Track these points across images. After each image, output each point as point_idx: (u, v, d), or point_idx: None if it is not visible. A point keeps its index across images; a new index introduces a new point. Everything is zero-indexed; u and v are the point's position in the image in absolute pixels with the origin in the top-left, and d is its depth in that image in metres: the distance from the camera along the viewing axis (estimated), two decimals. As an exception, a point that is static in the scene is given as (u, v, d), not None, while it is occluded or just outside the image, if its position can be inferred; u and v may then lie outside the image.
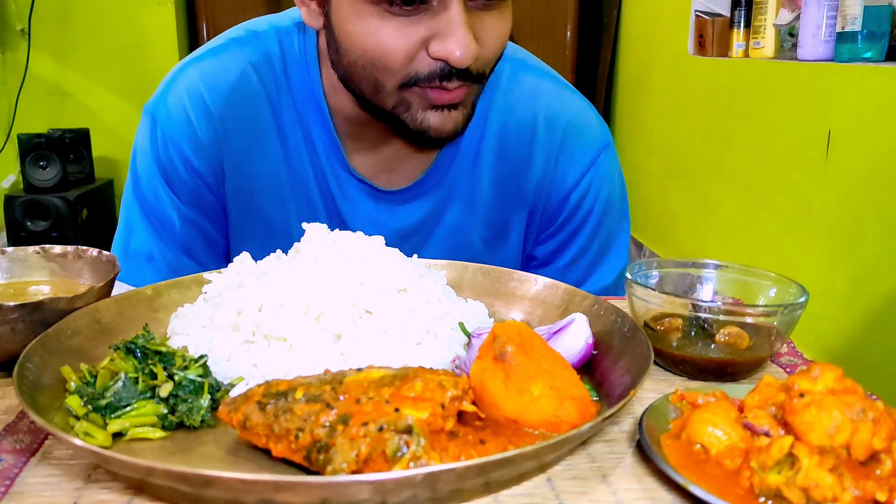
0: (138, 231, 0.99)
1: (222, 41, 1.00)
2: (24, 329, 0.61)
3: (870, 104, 1.54)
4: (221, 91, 0.96)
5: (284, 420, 0.49)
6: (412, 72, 0.84)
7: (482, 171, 1.02)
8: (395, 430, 0.46)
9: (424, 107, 0.86)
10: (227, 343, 0.62)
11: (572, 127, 1.02)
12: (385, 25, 0.81)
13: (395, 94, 0.86)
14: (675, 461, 0.49)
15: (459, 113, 0.88)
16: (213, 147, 0.97)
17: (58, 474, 0.50)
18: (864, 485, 0.44)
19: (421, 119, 0.87)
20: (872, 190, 1.52)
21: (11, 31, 3.28)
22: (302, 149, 0.98)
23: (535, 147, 1.02)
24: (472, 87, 0.88)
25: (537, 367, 0.53)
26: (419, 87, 0.85)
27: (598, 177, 1.04)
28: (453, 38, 0.80)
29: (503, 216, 1.04)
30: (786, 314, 0.65)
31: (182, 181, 0.97)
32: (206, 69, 0.97)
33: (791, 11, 1.92)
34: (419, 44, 0.82)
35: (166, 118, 0.97)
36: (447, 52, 0.80)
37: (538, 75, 1.04)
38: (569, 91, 1.06)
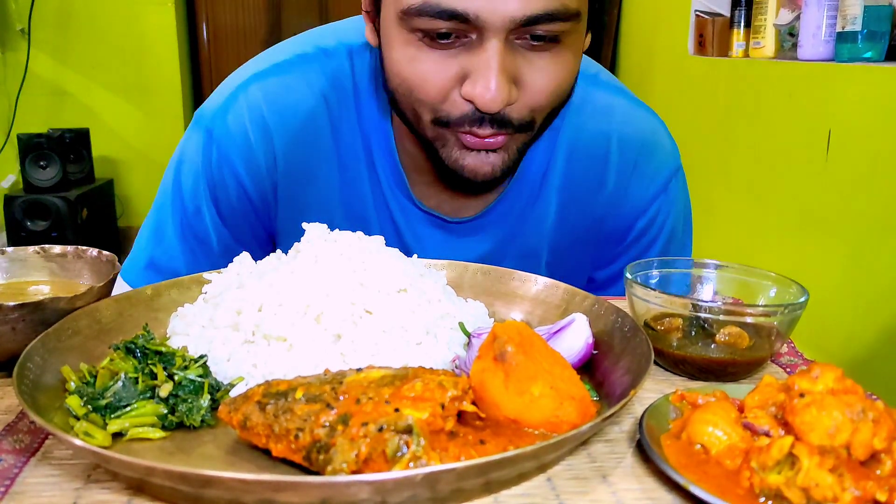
0: (169, 244, 0.94)
1: (288, 56, 0.94)
2: (25, 329, 0.61)
3: (870, 104, 1.54)
4: (285, 114, 0.91)
5: (284, 420, 0.49)
6: (444, 111, 0.79)
7: (549, 193, 0.96)
8: (395, 430, 0.46)
9: (460, 146, 0.81)
10: (227, 343, 0.61)
11: (646, 148, 0.97)
12: (423, 56, 0.77)
13: (431, 127, 0.82)
14: (676, 461, 0.49)
15: (498, 157, 0.82)
16: (269, 172, 0.92)
17: (58, 474, 0.50)
18: (865, 485, 0.44)
19: (456, 157, 0.82)
20: (872, 190, 1.52)
21: (11, 31, 3.29)
22: (363, 176, 0.94)
23: (607, 169, 0.96)
24: (516, 136, 0.82)
25: (537, 367, 0.53)
26: (451, 128, 0.80)
27: (666, 203, 0.99)
28: (483, 79, 0.74)
29: (569, 240, 0.99)
30: (786, 314, 0.65)
31: (230, 203, 0.93)
32: (271, 89, 0.92)
33: (791, 11, 1.92)
34: (453, 80, 0.77)
35: (224, 136, 0.91)
36: (475, 95, 0.75)
37: (610, 92, 0.98)
38: (642, 109, 1.00)
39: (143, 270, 0.94)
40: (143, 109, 3.42)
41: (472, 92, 0.75)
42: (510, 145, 0.82)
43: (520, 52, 0.76)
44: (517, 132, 0.81)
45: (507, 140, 0.81)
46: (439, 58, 0.77)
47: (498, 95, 0.74)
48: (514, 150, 0.83)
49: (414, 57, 0.77)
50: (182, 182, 0.93)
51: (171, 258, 0.94)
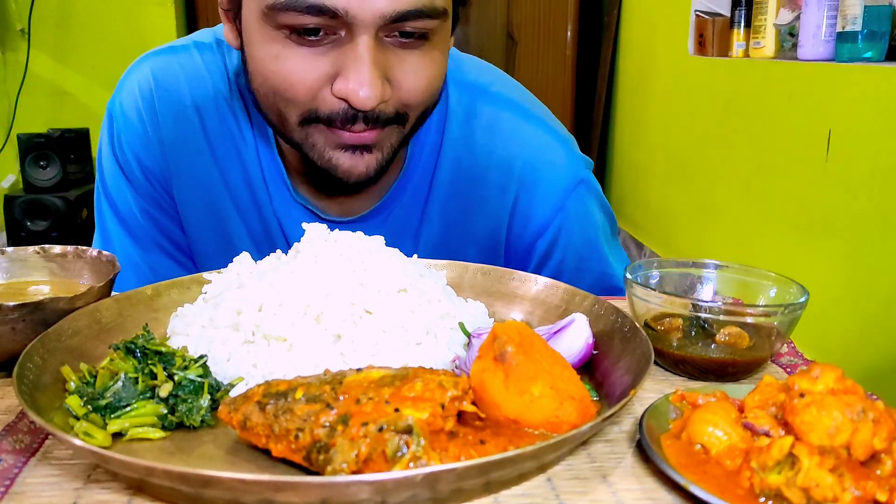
0: (113, 231, 0.98)
1: (185, 42, 0.96)
2: (25, 329, 0.61)
3: (870, 104, 1.54)
4: (170, 90, 0.93)
5: (284, 420, 0.49)
6: (313, 109, 0.77)
7: (433, 208, 0.94)
8: (395, 431, 0.46)
9: (331, 145, 0.79)
10: (227, 343, 0.61)
11: (532, 167, 0.93)
12: (289, 54, 0.75)
13: (298, 129, 0.80)
14: (676, 461, 0.49)
15: (373, 157, 0.80)
16: (157, 144, 0.94)
17: (57, 474, 0.50)
18: (865, 485, 0.44)
19: (329, 157, 0.80)
20: (873, 190, 1.52)
21: (11, 31, 3.28)
22: (254, 165, 0.93)
23: (486, 189, 0.94)
24: (389, 130, 0.80)
25: (537, 367, 0.53)
26: (322, 124, 0.78)
27: (567, 221, 0.94)
28: (356, 75, 0.72)
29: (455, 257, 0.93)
30: (786, 314, 0.65)
31: (135, 177, 0.96)
32: (159, 65, 0.94)
33: (791, 11, 1.92)
34: (323, 78, 0.75)
35: (120, 115, 0.96)
36: (348, 92, 0.73)
37: (497, 105, 0.94)
38: (531, 123, 0.95)
39: None
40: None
41: (345, 89, 0.74)
42: (384, 143, 0.81)
43: (390, 50, 0.76)
44: (393, 125, 0.80)
45: (379, 136, 0.79)
46: (307, 55, 0.75)
47: (372, 92, 0.73)
48: (387, 148, 0.82)
49: (279, 55, 0.75)
50: (103, 168, 0.98)
51: (119, 244, 0.97)
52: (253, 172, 0.94)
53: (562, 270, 0.96)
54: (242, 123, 0.93)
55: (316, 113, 0.77)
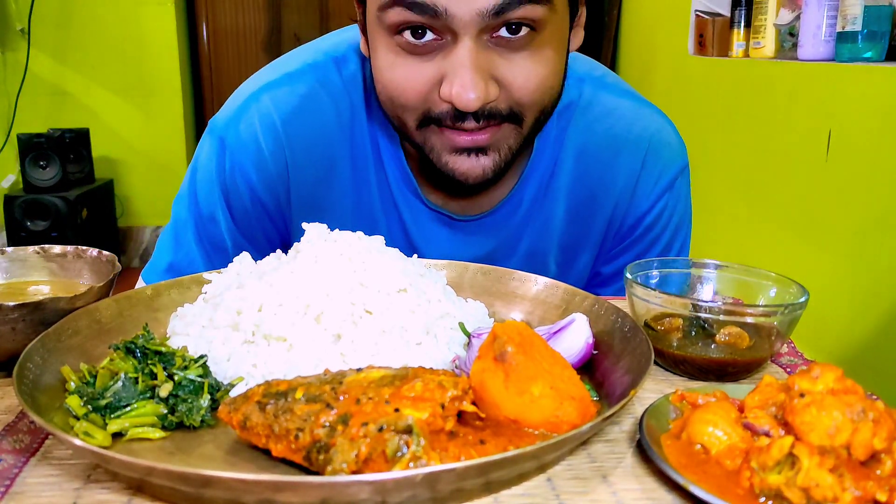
0: (187, 248, 0.97)
1: (298, 65, 0.96)
2: (25, 329, 0.61)
3: (870, 104, 1.54)
4: (295, 122, 0.93)
5: (284, 420, 0.49)
6: (426, 111, 0.80)
7: (557, 194, 0.98)
8: (395, 431, 0.46)
9: (448, 149, 0.82)
10: (227, 343, 0.61)
11: (653, 147, 0.98)
12: (400, 61, 0.79)
13: (417, 132, 0.83)
14: (676, 461, 0.49)
15: (489, 158, 0.82)
16: (281, 178, 0.94)
17: (57, 474, 0.50)
18: (865, 485, 0.44)
19: (446, 160, 0.83)
20: (873, 190, 1.52)
21: (11, 31, 3.28)
22: (372, 178, 0.95)
23: (616, 170, 0.97)
24: (505, 129, 0.82)
25: (537, 367, 0.53)
26: (437, 128, 0.81)
27: (672, 200, 1.00)
28: (458, 79, 0.75)
29: (577, 239, 1.00)
30: (786, 314, 0.65)
31: (244, 209, 0.95)
32: (281, 97, 0.93)
33: (791, 11, 1.92)
34: (430, 84, 0.78)
35: (236, 144, 0.93)
36: (451, 95, 0.76)
37: (616, 94, 0.99)
38: (649, 108, 1.01)
39: (163, 274, 0.96)
40: (143, 109, 3.42)
41: (448, 92, 0.76)
42: (500, 144, 0.82)
43: (497, 52, 0.77)
44: (504, 123, 0.81)
45: (494, 137, 0.81)
46: (417, 62, 0.78)
47: (474, 93, 0.75)
48: (505, 150, 0.83)
49: (394, 63, 0.79)
50: (198, 189, 0.96)
51: (190, 262, 0.96)
52: (379, 184, 0.96)
53: (654, 246, 1.01)
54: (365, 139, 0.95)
55: (430, 114, 0.80)
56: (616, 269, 1.03)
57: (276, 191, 0.94)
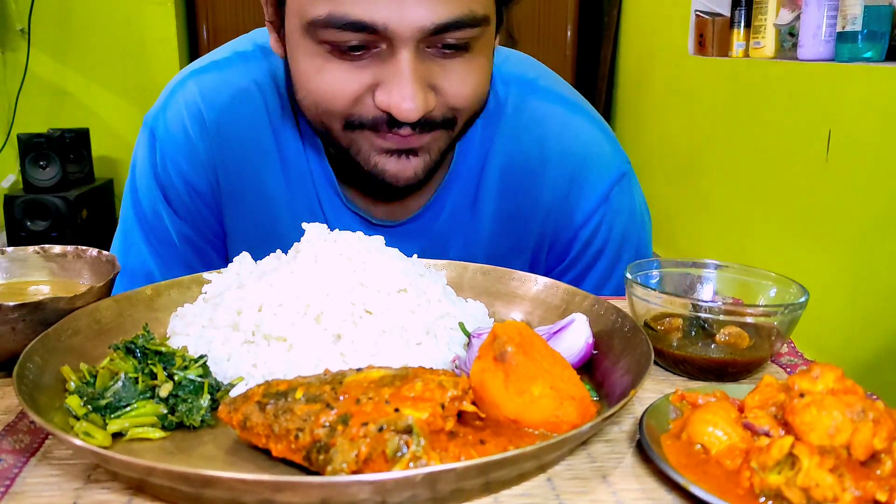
0: (137, 247, 0.96)
1: (227, 54, 0.95)
2: (24, 329, 0.61)
3: (870, 104, 1.54)
4: (221, 107, 0.92)
5: (284, 420, 0.49)
6: (356, 116, 0.78)
7: (484, 206, 0.94)
8: (395, 431, 0.46)
9: (377, 151, 0.80)
10: (227, 343, 0.61)
11: (583, 160, 0.94)
12: (329, 67, 0.76)
13: (343, 135, 0.80)
14: (676, 461, 0.49)
15: (419, 160, 0.80)
16: (210, 163, 0.93)
17: (57, 474, 0.50)
18: (865, 485, 0.44)
19: (375, 162, 0.80)
20: (873, 190, 1.52)
21: (11, 31, 3.28)
22: (304, 171, 0.93)
23: (543, 182, 0.94)
24: (437, 133, 0.80)
25: (537, 367, 0.53)
26: (366, 131, 0.78)
27: (610, 212, 0.95)
28: (398, 89, 0.73)
29: (504, 253, 0.96)
30: (786, 314, 0.65)
31: (180, 199, 0.94)
32: (206, 83, 0.93)
33: (791, 11, 1.92)
34: (363, 90, 0.76)
35: (164, 134, 0.93)
36: (390, 105, 0.74)
37: (547, 99, 0.95)
38: (580, 116, 0.96)
39: (121, 279, 0.95)
40: (143, 109, 3.39)
41: (387, 101, 0.74)
42: (431, 146, 0.81)
43: (431, 59, 0.76)
44: (440, 129, 0.80)
45: (426, 140, 0.79)
46: (348, 68, 0.75)
47: (414, 104, 0.73)
48: (435, 151, 0.82)
49: (321, 68, 0.76)
50: (137, 186, 0.96)
51: (142, 262, 0.96)
52: (305, 181, 0.94)
53: (598, 260, 0.97)
54: (292, 133, 0.93)
55: (359, 119, 0.78)
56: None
57: (208, 177, 0.93)
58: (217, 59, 0.95)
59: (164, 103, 0.95)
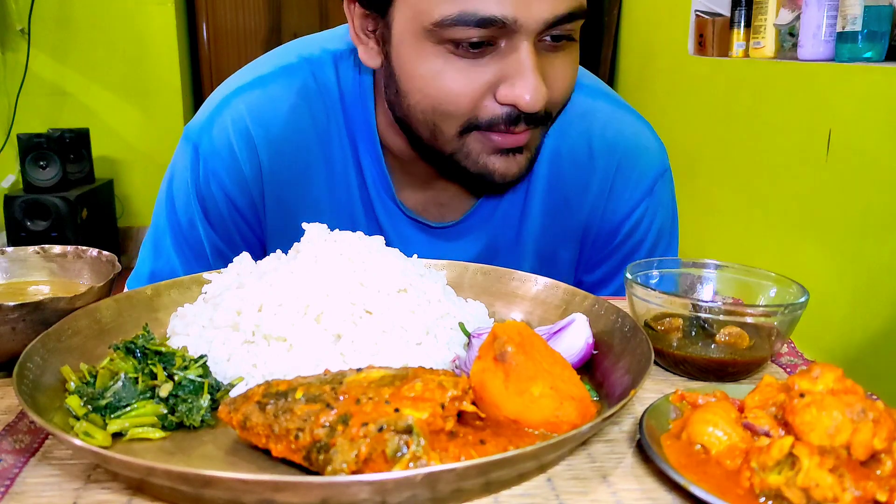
0: (167, 255, 0.96)
1: (271, 68, 0.95)
2: (25, 329, 0.61)
3: (870, 104, 1.54)
4: (269, 126, 0.92)
5: (284, 420, 0.49)
6: (473, 117, 0.79)
7: (534, 200, 0.97)
8: (395, 431, 0.46)
9: (488, 151, 0.82)
10: (227, 343, 0.61)
11: (630, 152, 0.97)
12: (450, 68, 0.76)
13: (454, 140, 0.81)
14: (676, 461, 0.49)
15: (524, 157, 0.83)
16: (255, 182, 0.93)
17: (57, 474, 0.50)
18: (865, 485, 0.44)
19: (484, 162, 0.82)
20: (873, 190, 1.52)
21: (11, 31, 3.28)
22: (352, 180, 0.94)
23: (590, 174, 0.96)
24: (540, 130, 0.83)
25: (537, 367, 0.53)
26: (480, 132, 0.80)
27: (652, 205, 0.98)
28: (523, 81, 0.75)
29: (554, 246, 0.99)
30: (786, 314, 0.65)
31: (220, 215, 0.94)
32: (253, 101, 0.92)
33: (791, 11, 1.92)
34: (486, 88, 0.77)
35: (210, 151, 0.93)
36: (516, 97, 0.75)
37: (592, 96, 0.98)
38: (624, 111, 0.99)
39: (146, 282, 0.96)
40: (143, 109, 3.42)
41: (511, 95, 0.76)
42: (533, 142, 0.84)
43: (542, 54, 0.78)
44: (540, 125, 0.82)
45: (531, 136, 0.82)
46: (468, 67, 0.76)
47: (539, 95, 0.75)
48: (535, 147, 0.85)
49: (441, 70, 0.77)
50: (174, 196, 0.96)
51: (171, 270, 0.96)
52: (353, 190, 0.95)
53: (636, 252, 1.00)
54: (340, 144, 0.94)
55: (476, 121, 0.79)
56: (599, 277, 1.02)
57: (250, 195, 0.94)
58: (262, 73, 0.95)
59: (209, 119, 0.94)
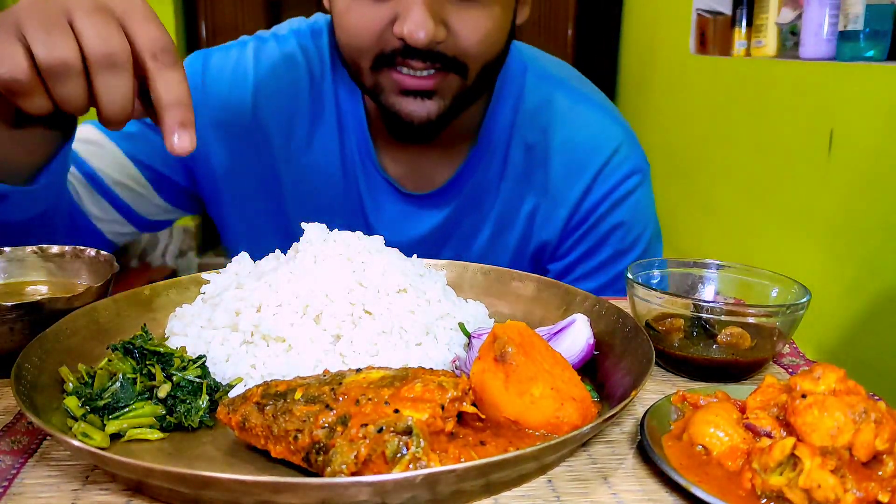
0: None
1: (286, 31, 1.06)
2: (22, 329, 0.61)
3: (872, 103, 1.54)
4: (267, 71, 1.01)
5: (283, 421, 0.48)
6: (379, 50, 0.87)
7: (507, 183, 1.04)
8: (394, 432, 0.46)
9: (396, 91, 0.89)
10: (226, 343, 0.61)
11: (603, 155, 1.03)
12: (355, 5, 0.86)
13: (370, 75, 0.90)
14: (677, 462, 0.49)
15: (434, 103, 0.90)
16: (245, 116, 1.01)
17: (56, 475, 0.50)
18: (867, 486, 0.44)
19: (393, 102, 0.90)
20: (874, 189, 1.52)
21: (12, 30, 3.28)
22: (335, 142, 1.02)
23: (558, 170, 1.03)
24: (450, 78, 0.89)
25: (538, 368, 0.53)
26: (389, 69, 0.88)
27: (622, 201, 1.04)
28: (410, 16, 0.82)
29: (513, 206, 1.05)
30: (788, 314, 0.64)
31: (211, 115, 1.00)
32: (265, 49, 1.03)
33: (793, 10, 1.91)
34: (384, 22, 0.85)
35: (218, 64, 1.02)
36: (403, 32, 0.83)
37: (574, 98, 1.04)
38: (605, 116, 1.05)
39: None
40: (144, 109, 3.41)
41: (400, 29, 0.84)
42: (444, 90, 0.90)
43: (449, 1, 0.85)
44: (448, 71, 0.88)
45: (439, 83, 0.88)
46: (371, 5, 0.86)
47: (425, 31, 0.82)
48: (448, 96, 0.90)
49: (349, 7, 0.87)
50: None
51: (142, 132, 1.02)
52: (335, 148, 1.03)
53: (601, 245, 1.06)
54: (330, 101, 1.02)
55: (382, 53, 0.87)
56: (563, 266, 1.08)
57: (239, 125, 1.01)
58: (279, 32, 1.06)
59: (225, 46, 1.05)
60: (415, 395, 0.48)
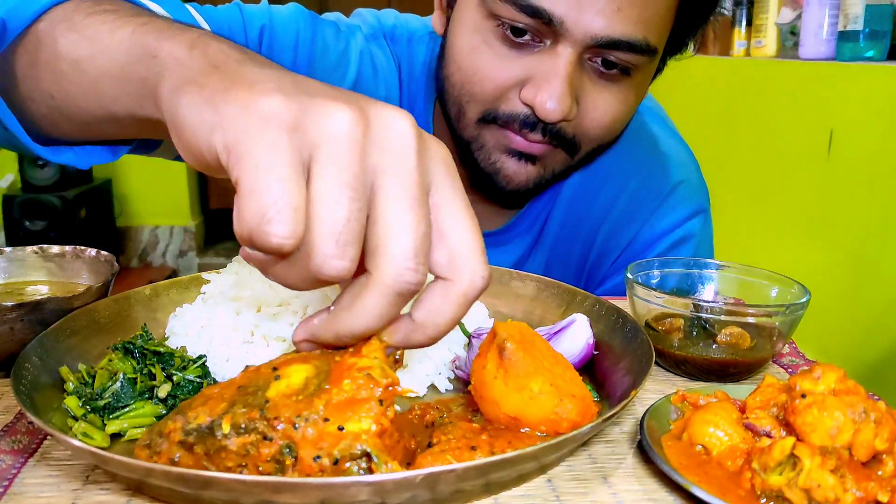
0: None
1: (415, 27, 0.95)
2: (23, 329, 0.61)
3: (872, 103, 1.54)
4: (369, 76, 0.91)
5: (220, 459, 0.44)
6: (494, 108, 0.77)
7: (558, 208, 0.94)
8: (351, 459, 0.43)
9: (501, 148, 0.79)
10: (226, 344, 0.61)
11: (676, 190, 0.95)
12: (487, 49, 0.75)
13: (473, 126, 0.79)
14: (677, 462, 0.49)
15: (535, 169, 0.80)
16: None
17: (56, 475, 0.50)
18: (866, 486, 0.44)
19: (494, 160, 0.80)
20: (874, 189, 1.52)
21: (11, 30, 3.28)
22: None
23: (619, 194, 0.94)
24: (557, 152, 0.79)
25: (537, 364, 0.53)
26: (497, 126, 0.78)
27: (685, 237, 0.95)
28: (548, 86, 0.72)
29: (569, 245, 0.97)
30: (788, 314, 0.64)
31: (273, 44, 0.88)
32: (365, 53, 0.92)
33: (793, 10, 1.91)
34: (514, 81, 0.75)
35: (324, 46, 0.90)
36: (535, 100, 0.73)
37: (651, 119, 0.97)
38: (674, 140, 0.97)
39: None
40: (144, 109, 3.41)
41: (533, 96, 0.73)
42: (550, 161, 0.80)
43: (587, 74, 0.74)
44: (560, 149, 0.79)
45: (547, 152, 0.79)
46: (505, 53, 0.74)
47: (560, 107, 0.72)
48: (550, 167, 0.81)
49: (477, 47, 0.75)
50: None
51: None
52: None
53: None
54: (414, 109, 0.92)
55: (496, 113, 0.77)
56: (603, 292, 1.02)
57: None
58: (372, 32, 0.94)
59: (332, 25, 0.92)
60: (347, 395, 0.44)
